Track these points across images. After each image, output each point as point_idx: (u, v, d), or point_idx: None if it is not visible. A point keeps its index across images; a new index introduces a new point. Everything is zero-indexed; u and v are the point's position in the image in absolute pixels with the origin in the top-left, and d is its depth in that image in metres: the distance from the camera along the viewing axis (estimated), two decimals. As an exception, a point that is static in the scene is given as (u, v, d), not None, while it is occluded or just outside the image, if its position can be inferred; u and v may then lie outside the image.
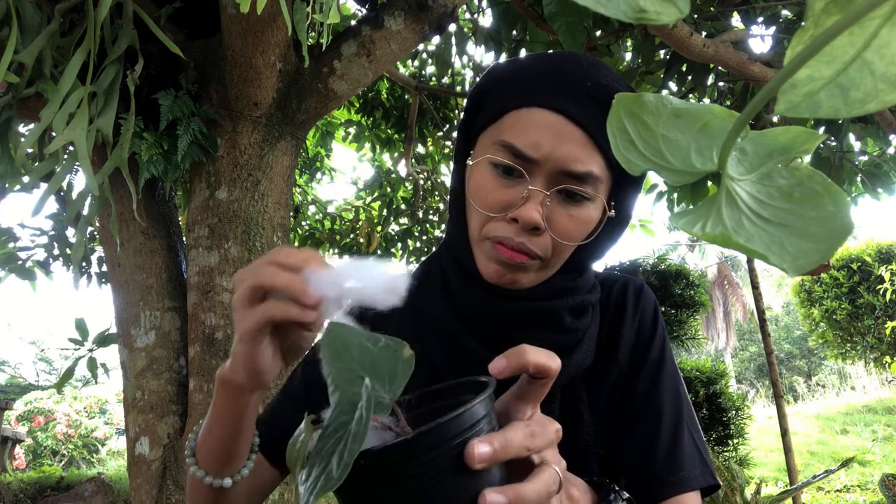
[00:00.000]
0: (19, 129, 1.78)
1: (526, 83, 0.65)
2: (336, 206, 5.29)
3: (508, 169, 0.64)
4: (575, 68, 0.65)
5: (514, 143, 0.63)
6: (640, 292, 0.77)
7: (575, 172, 0.62)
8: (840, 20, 0.23)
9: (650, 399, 0.71)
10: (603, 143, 0.62)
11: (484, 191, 0.65)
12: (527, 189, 0.62)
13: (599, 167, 0.63)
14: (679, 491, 0.66)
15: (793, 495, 3.69)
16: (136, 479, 1.89)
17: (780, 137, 0.33)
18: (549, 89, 0.63)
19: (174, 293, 2.05)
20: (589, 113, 0.62)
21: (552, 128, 0.62)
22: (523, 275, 0.66)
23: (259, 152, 2.07)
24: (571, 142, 0.62)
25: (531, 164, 0.63)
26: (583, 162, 0.62)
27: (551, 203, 0.63)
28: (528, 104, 0.63)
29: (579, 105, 0.62)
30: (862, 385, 12.40)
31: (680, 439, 0.69)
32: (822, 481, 6.15)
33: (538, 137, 0.62)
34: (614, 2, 0.24)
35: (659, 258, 4.90)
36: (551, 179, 0.63)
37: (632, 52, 3.30)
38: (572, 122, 0.62)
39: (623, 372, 0.72)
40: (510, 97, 0.65)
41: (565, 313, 0.68)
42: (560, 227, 0.64)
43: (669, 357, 0.74)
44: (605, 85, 0.64)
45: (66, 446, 11.19)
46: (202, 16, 2.19)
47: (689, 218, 0.30)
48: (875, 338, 7.43)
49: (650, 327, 0.74)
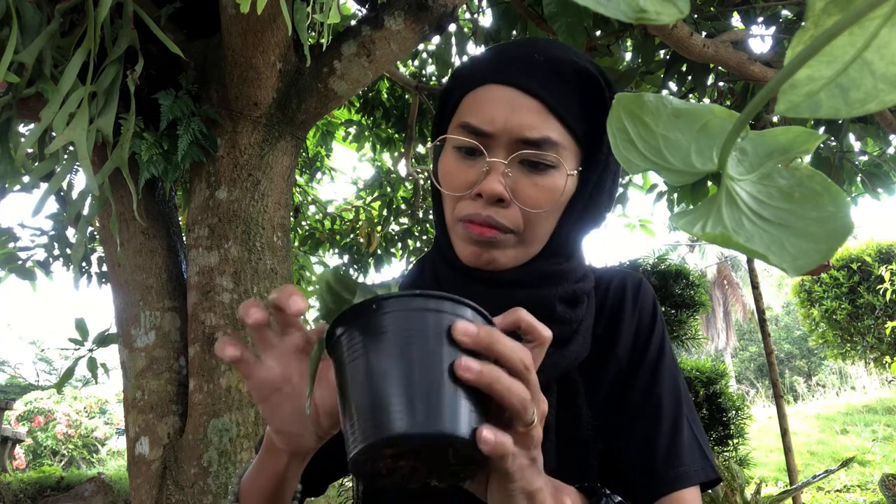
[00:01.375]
0: (19, 129, 1.78)
1: (481, 66, 0.68)
2: (336, 206, 5.29)
3: (470, 149, 0.65)
4: (526, 46, 0.67)
5: (470, 122, 0.65)
6: (639, 287, 0.76)
7: (530, 139, 0.63)
8: (840, 20, 0.23)
9: (649, 394, 0.70)
10: (560, 110, 0.64)
11: (450, 174, 0.67)
12: (486, 163, 0.64)
13: (558, 133, 0.64)
14: (679, 486, 0.66)
15: (793, 495, 3.69)
16: (136, 479, 1.89)
17: (780, 137, 0.33)
18: (501, 67, 0.66)
19: (174, 293, 2.05)
20: (541, 83, 0.64)
21: (505, 100, 0.64)
22: (499, 252, 0.66)
23: (259, 152, 2.07)
24: (525, 111, 0.63)
25: (488, 138, 0.64)
26: (537, 128, 0.63)
27: (514, 174, 0.64)
28: (481, 83, 0.66)
29: (531, 76, 0.64)
30: (862, 385, 12.40)
31: (679, 434, 0.68)
32: (822, 481, 6.15)
33: (492, 112, 0.64)
34: (614, 2, 0.24)
35: (659, 258, 4.90)
36: (509, 150, 0.64)
37: (632, 52, 3.30)
38: (524, 92, 0.64)
39: (622, 368, 0.72)
40: (467, 81, 0.68)
41: (556, 302, 0.67)
42: (526, 196, 0.64)
43: (668, 352, 0.74)
44: (556, 56, 0.66)
45: (66, 446, 11.20)
46: (202, 16, 2.19)
47: (689, 218, 0.30)
48: (875, 338, 7.43)
49: (649, 322, 0.74)
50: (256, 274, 2.00)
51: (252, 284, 1.98)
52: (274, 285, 2.02)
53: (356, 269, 4.84)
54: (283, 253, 2.10)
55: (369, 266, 4.82)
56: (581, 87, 0.66)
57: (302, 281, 4.48)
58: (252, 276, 1.99)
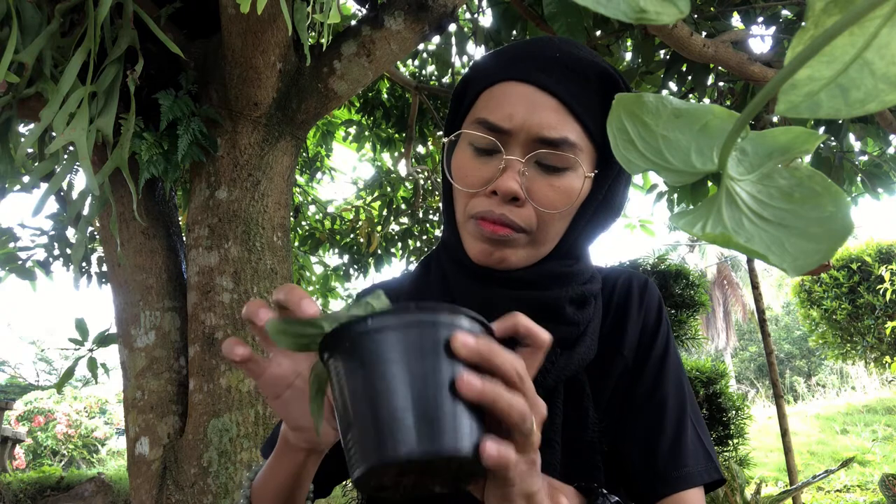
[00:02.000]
0: (19, 129, 1.78)
1: (499, 62, 0.67)
2: (336, 206, 5.28)
3: (486, 146, 0.64)
4: (546, 44, 0.66)
5: (488, 118, 0.64)
6: (645, 287, 0.76)
7: (549, 138, 0.62)
8: (840, 20, 0.23)
9: (653, 394, 0.70)
10: (579, 111, 0.63)
11: (463, 170, 0.66)
12: (503, 160, 0.63)
13: (577, 134, 0.63)
14: (682, 487, 0.65)
15: (793, 495, 3.69)
16: (136, 479, 1.89)
17: (780, 137, 0.33)
18: (520, 63, 0.65)
19: (174, 293, 2.05)
20: (561, 82, 0.63)
21: (524, 98, 0.63)
22: (511, 251, 0.65)
23: (259, 152, 2.07)
24: (544, 109, 0.62)
25: (506, 135, 0.63)
26: (556, 128, 0.62)
27: (530, 173, 0.63)
28: (500, 80, 0.65)
29: (551, 75, 0.63)
30: (862, 385, 12.39)
31: (683, 434, 0.68)
32: (822, 481, 6.15)
33: (510, 109, 0.63)
34: (614, 2, 0.24)
35: (659, 258, 4.90)
36: (527, 148, 0.63)
37: (632, 52, 3.30)
38: (544, 91, 0.63)
39: (628, 368, 0.71)
40: (485, 77, 0.67)
41: (566, 304, 0.67)
42: (541, 196, 0.63)
43: (673, 352, 0.73)
44: (577, 55, 0.65)
45: (66, 446, 11.19)
46: (202, 16, 2.19)
47: (689, 218, 0.30)
48: (875, 338, 7.42)
49: (655, 322, 0.74)
50: (256, 274, 2.00)
51: (252, 284, 1.98)
52: (274, 285, 2.02)
53: (356, 269, 4.84)
54: (283, 253, 2.10)
55: (369, 266, 4.82)
56: (600, 88, 0.65)
57: (302, 281, 4.49)
58: (252, 276, 1.99)
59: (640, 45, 2.81)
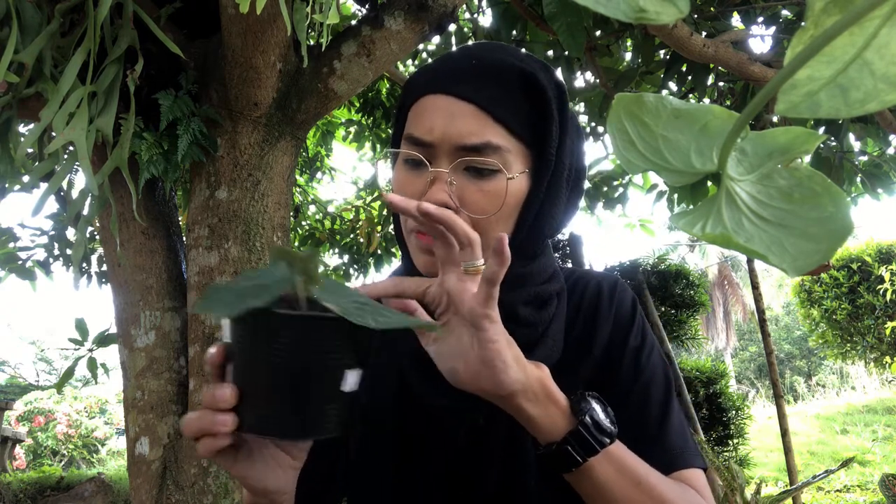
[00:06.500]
0: (19, 129, 1.78)
1: (423, 78, 0.69)
2: (336, 206, 5.29)
3: (415, 161, 0.66)
4: (464, 54, 0.68)
5: (413, 133, 0.66)
6: (615, 287, 0.77)
7: (470, 145, 0.63)
8: (840, 20, 0.23)
9: (635, 382, 0.71)
10: (499, 113, 0.64)
11: (399, 186, 0.68)
12: (430, 173, 0.65)
13: (500, 137, 0.64)
14: (675, 468, 0.66)
15: (793, 495, 3.69)
16: (136, 479, 1.89)
17: (780, 138, 0.33)
18: (439, 76, 0.66)
19: (174, 293, 2.05)
20: (479, 89, 0.64)
21: (442, 109, 0.65)
22: None
23: (259, 152, 2.07)
24: (462, 117, 0.64)
25: (430, 148, 0.65)
26: (476, 134, 0.63)
27: (460, 181, 0.65)
28: (422, 94, 0.67)
29: (468, 83, 0.64)
30: (862, 385, 12.39)
31: (668, 418, 0.69)
32: (822, 481, 6.15)
33: (430, 122, 0.65)
34: (614, 2, 0.24)
35: (659, 258, 4.90)
36: (451, 158, 0.64)
37: (632, 52, 3.30)
38: (461, 99, 0.64)
39: (598, 364, 0.72)
40: (412, 94, 0.69)
41: (520, 305, 0.68)
42: (472, 202, 0.64)
43: (651, 343, 0.74)
44: (494, 60, 0.66)
45: (66, 446, 11.19)
46: (202, 16, 2.19)
47: (689, 218, 0.30)
48: (875, 338, 7.43)
49: (628, 318, 0.74)
50: (256, 274, 1.99)
51: (252, 284, 1.98)
52: (274, 285, 2.01)
53: (356, 269, 4.84)
54: (283, 253, 2.10)
55: (369, 266, 4.82)
56: (523, 89, 0.66)
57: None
58: (252, 276, 1.98)
59: (640, 45, 2.80)
